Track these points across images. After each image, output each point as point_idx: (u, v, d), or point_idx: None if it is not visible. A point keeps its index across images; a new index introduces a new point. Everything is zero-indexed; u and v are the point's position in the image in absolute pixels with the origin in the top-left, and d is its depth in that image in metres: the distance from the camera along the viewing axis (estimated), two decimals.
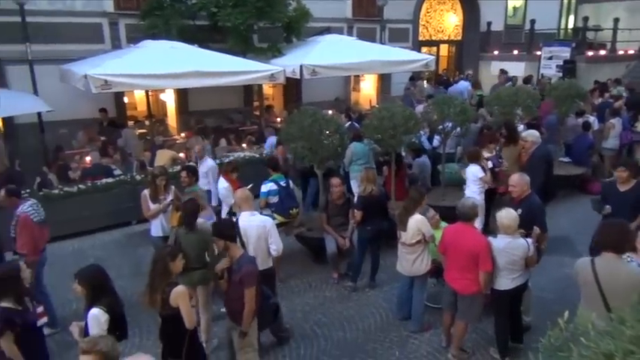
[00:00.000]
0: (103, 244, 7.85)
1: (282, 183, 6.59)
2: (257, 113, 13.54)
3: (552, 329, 1.84)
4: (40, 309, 3.94)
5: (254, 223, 4.95)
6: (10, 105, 8.43)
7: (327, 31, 13.04)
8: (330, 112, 7.21)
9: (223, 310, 4.69)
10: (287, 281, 6.55)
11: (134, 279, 6.19)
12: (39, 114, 9.27)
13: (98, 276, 3.65)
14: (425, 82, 15.05)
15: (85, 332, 3.56)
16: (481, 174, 6.76)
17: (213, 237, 4.29)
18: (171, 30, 10.33)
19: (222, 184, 6.47)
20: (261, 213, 5.58)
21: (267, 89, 14.69)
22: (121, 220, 8.31)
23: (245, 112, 13.16)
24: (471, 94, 13.24)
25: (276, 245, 5.01)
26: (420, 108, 9.66)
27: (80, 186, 7.97)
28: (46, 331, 4.15)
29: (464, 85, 13.90)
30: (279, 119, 12.50)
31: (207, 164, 7.41)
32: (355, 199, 6.39)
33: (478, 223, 5.38)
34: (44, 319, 4.03)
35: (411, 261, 5.23)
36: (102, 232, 8.12)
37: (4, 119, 10.40)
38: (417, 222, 5.13)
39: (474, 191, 6.74)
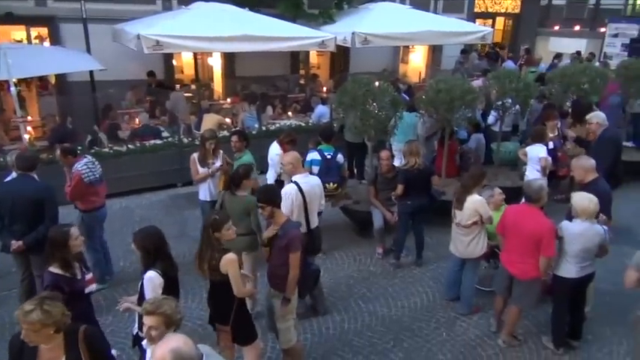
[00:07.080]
0: (149, 203, 7.95)
1: (327, 155, 6.23)
2: (302, 82, 13.37)
3: None
4: (89, 276, 3.85)
5: (314, 182, 5.02)
6: (64, 62, 8.52)
7: None
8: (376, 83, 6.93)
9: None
10: (331, 253, 6.46)
11: (178, 240, 6.23)
12: (91, 72, 9.35)
13: (155, 239, 3.58)
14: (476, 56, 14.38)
15: (140, 293, 3.55)
16: (544, 154, 6.38)
17: (258, 203, 4.14)
18: None
19: (276, 150, 6.32)
20: None
21: (314, 57, 14.41)
22: (166, 181, 8.38)
23: (291, 80, 12.97)
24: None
25: (324, 200, 5.41)
26: (478, 82, 9.17)
27: (129, 146, 8.03)
28: (95, 287, 4.11)
29: (510, 65, 13.16)
30: (324, 88, 12.27)
31: None
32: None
33: None
34: (93, 286, 3.92)
35: (465, 243, 5.01)
36: (148, 193, 8.21)
37: (57, 76, 10.61)
38: (474, 203, 4.87)
39: (535, 172, 6.38)
